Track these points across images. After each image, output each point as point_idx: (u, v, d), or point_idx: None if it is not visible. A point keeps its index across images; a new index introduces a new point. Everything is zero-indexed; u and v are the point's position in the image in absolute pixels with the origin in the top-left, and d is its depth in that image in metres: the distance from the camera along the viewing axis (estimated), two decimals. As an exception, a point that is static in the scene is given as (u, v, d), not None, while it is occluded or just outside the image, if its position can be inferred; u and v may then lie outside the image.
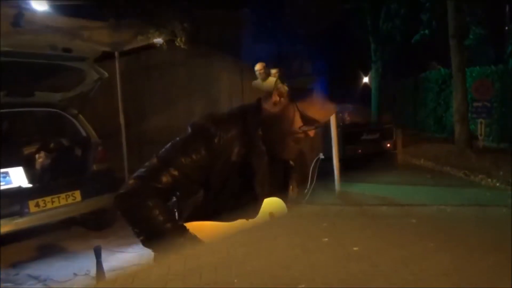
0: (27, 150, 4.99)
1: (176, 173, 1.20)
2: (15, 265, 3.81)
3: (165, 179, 1.19)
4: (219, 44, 5.64)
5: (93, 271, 3.25)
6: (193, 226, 1.24)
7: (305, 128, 1.27)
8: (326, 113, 1.28)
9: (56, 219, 4.10)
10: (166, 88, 6.10)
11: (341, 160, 3.66)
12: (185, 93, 5.85)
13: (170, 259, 1.08)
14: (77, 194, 4.14)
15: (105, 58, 5.76)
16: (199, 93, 5.58)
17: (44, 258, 3.97)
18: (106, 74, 4.53)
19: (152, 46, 5.82)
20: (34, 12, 3.41)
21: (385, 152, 3.99)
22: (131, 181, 1.20)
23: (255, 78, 5.01)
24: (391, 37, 11.26)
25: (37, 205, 3.80)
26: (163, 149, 1.27)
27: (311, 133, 1.30)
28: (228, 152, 1.25)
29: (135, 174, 1.22)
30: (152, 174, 1.20)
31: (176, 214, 1.30)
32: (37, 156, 4.76)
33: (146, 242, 1.19)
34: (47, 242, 4.44)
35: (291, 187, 1.42)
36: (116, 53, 5.58)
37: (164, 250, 1.18)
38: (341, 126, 3.75)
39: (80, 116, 4.75)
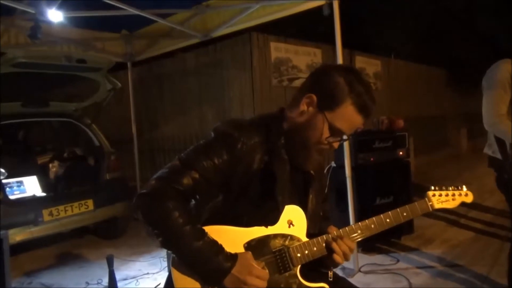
0: (41, 160, 5.06)
1: (197, 176, 1.20)
2: (28, 273, 3.83)
3: (186, 181, 1.19)
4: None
5: (105, 280, 3.26)
6: (212, 229, 1.23)
7: (331, 139, 1.27)
8: (354, 124, 1.27)
9: (69, 228, 4.12)
10: (178, 96, 6.15)
11: (353, 169, 3.62)
12: (197, 101, 5.88)
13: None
14: (90, 203, 4.17)
15: (118, 68, 5.88)
16: (210, 102, 5.61)
17: (57, 267, 3.99)
18: (119, 85, 4.58)
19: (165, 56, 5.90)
20: (50, 23, 3.47)
21: (398, 160, 3.95)
22: (152, 182, 1.20)
23: (267, 87, 5.04)
24: None
25: (50, 214, 3.83)
26: (185, 152, 1.27)
27: (336, 144, 1.29)
28: (250, 159, 1.25)
29: (156, 175, 1.22)
30: (174, 176, 1.20)
31: (196, 217, 1.29)
32: (51, 165, 4.83)
33: (165, 244, 1.19)
34: (61, 251, 4.48)
35: (310, 196, 1.41)
36: (129, 64, 5.65)
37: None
38: (352, 135, 3.72)
39: (93, 125, 4.81)
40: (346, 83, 1.23)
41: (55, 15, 3.26)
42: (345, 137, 1.30)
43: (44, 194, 4.09)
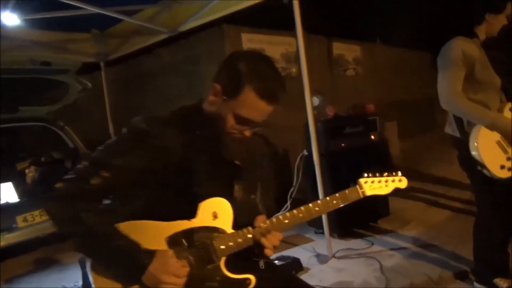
0: (20, 166, 5.03)
1: (107, 174, 1.18)
2: (8, 280, 3.82)
3: (94, 181, 1.17)
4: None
5: (81, 282, 3.26)
6: (132, 225, 1.22)
7: (238, 128, 1.25)
8: (259, 111, 1.25)
9: (46, 233, 4.10)
10: (157, 94, 6.10)
11: (324, 155, 3.62)
12: (175, 98, 5.84)
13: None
14: (65, 206, 4.15)
15: (92, 69, 5.82)
16: (188, 98, 5.57)
17: (36, 272, 3.99)
18: (90, 85, 4.55)
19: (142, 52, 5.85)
20: (5, 27, 3.40)
21: (373, 145, 3.94)
22: (59, 185, 1.19)
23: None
24: None
25: (25, 219, 3.82)
26: (96, 150, 1.25)
27: (247, 132, 1.28)
28: (164, 152, 1.23)
29: (65, 177, 1.20)
30: (81, 176, 1.19)
31: (112, 215, 1.27)
32: (27, 170, 4.80)
33: (79, 246, 1.17)
34: (42, 255, 4.46)
35: (236, 187, 1.39)
36: (102, 63, 5.59)
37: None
38: (322, 121, 3.71)
39: (67, 128, 4.78)
40: (246, 69, 1.21)
41: (9, 18, 3.20)
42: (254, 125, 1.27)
43: (17, 200, 4.07)
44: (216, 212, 1.30)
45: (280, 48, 5.66)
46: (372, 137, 3.92)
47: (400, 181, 1.48)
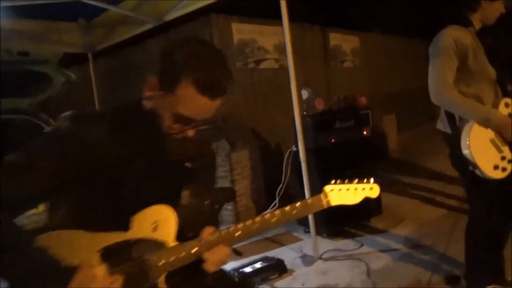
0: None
1: (24, 180, 1.02)
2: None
3: (12, 188, 1.01)
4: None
5: None
6: (61, 236, 1.07)
7: (177, 127, 1.09)
8: (200, 108, 1.07)
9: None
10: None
11: (312, 151, 3.46)
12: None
13: None
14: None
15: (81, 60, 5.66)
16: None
17: None
18: (73, 77, 4.38)
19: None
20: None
21: (365, 140, 3.76)
22: None
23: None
24: None
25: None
26: (13, 153, 1.09)
27: (190, 132, 1.11)
28: (94, 154, 1.07)
29: None
30: None
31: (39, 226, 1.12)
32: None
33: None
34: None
35: (185, 193, 1.23)
36: (90, 54, 5.42)
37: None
38: (310, 116, 3.54)
39: (51, 121, 4.62)
40: (184, 59, 1.04)
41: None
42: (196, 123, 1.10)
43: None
44: (157, 222, 1.14)
45: (272, 38, 5.46)
46: (365, 132, 3.74)
47: (371, 189, 1.32)
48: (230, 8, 4.91)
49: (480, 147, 2.12)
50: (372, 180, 1.31)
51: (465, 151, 2.13)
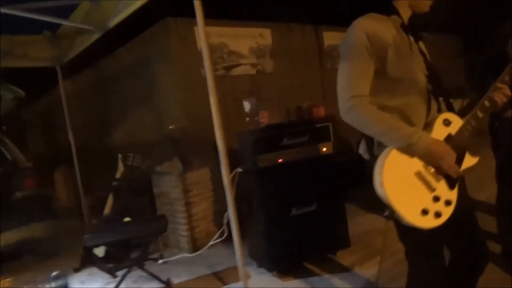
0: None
1: None
2: None
3: None
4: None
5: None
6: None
7: None
8: None
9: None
10: (119, 99, 5.60)
11: (253, 174, 2.92)
12: (133, 103, 5.32)
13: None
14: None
15: (48, 74, 5.44)
16: (146, 102, 5.01)
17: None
18: (22, 93, 4.11)
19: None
20: None
21: (323, 158, 3.15)
22: None
23: (195, 80, 4.36)
24: None
25: None
26: None
27: None
28: None
29: None
30: None
31: None
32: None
33: None
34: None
35: None
36: (58, 68, 5.18)
37: None
38: (250, 132, 2.99)
39: (5, 139, 4.39)
40: None
41: None
42: None
43: None
44: None
45: (248, 41, 4.93)
46: (324, 149, 3.11)
47: None
48: (192, 11, 4.44)
49: (399, 184, 1.50)
50: None
51: (378, 190, 1.51)
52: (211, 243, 3.90)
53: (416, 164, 1.52)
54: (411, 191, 1.50)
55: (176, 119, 4.36)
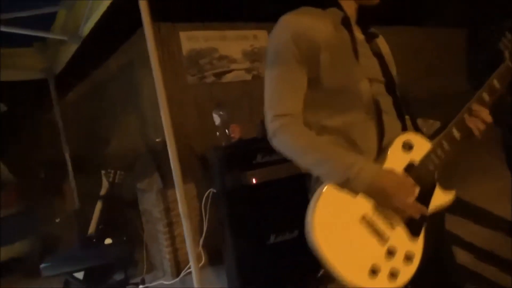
0: None
1: None
2: None
3: None
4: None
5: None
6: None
7: None
8: None
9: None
10: (111, 106, 5.40)
11: (226, 196, 2.57)
12: (119, 110, 5.10)
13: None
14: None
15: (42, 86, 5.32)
16: (132, 110, 4.76)
17: None
18: (4, 107, 3.97)
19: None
20: None
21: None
22: None
23: (180, 88, 4.08)
24: None
25: None
26: None
27: None
28: None
29: None
30: None
31: None
32: None
33: None
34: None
35: None
36: (49, 79, 5.06)
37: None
38: (216, 148, 2.65)
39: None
40: None
41: None
42: None
43: None
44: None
45: (240, 44, 4.57)
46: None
47: None
48: (176, 14, 4.16)
49: (337, 235, 1.11)
50: None
51: (308, 242, 1.13)
52: (187, 270, 3.56)
53: (361, 205, 1.12)
54: (354, 243, 1.11)
55: (161, 131, 4.07)
